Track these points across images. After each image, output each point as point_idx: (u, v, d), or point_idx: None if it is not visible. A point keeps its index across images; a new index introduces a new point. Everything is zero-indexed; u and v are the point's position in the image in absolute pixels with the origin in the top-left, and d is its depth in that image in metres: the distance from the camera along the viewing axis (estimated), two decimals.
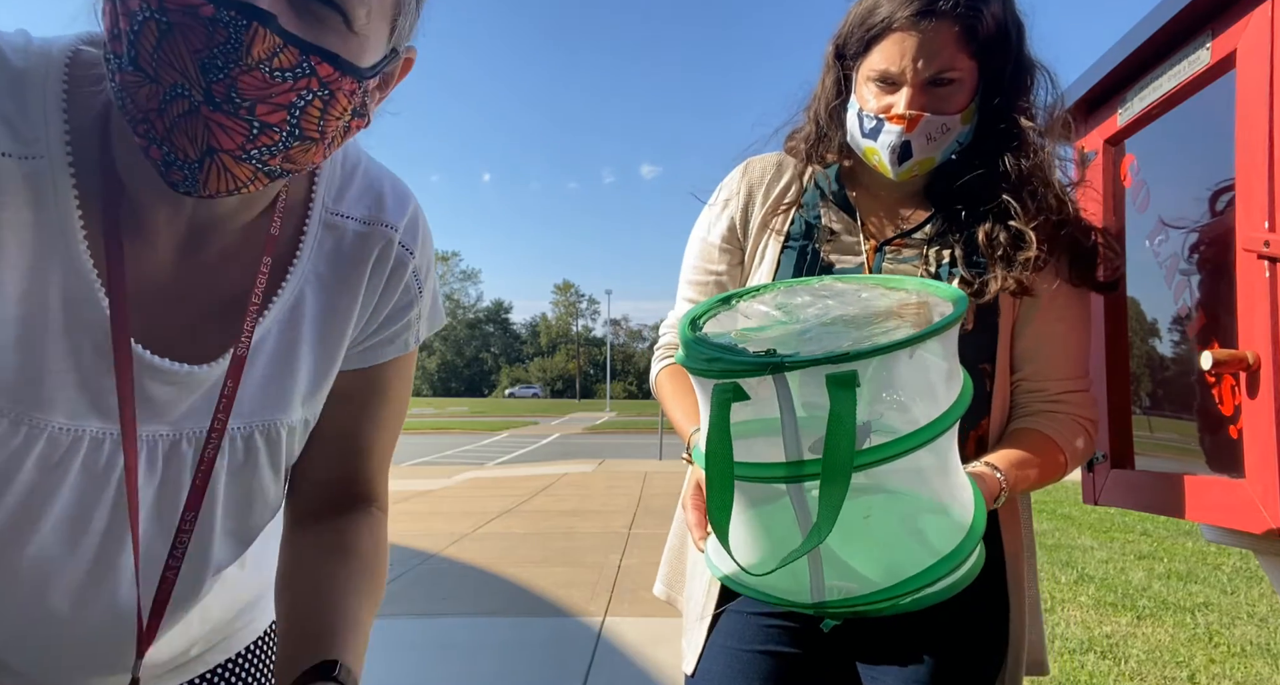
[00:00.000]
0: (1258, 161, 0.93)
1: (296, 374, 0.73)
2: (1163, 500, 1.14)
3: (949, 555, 0.79)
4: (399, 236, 0.75)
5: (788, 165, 1.21)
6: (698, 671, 1.11)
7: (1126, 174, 1.27)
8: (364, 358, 0.79)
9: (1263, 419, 0.92)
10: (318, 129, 0.59)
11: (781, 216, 1.16)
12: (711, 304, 0.92)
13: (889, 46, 1.03)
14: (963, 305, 0.78)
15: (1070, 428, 1.07)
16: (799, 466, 0.74)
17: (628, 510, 7.45)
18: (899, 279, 0.92)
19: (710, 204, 1.24)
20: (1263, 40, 0.93)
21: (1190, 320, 1.13)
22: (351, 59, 0.58)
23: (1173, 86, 1.11)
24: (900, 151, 1.05)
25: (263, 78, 0.54)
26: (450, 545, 5.73)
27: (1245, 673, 3.38)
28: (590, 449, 17.93)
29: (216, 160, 0.55)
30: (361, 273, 0.74)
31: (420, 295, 0.79)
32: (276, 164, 0.58)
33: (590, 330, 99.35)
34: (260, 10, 0.52)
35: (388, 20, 0.61)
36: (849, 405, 0.70)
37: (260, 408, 0.71)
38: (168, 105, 0.53)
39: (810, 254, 1.13)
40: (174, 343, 0.66)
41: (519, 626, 3.82)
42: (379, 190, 0.76)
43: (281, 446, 0.74)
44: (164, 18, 0.51)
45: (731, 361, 0.74)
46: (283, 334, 0.71)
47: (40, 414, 0.62)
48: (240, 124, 0.54)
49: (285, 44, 0.54)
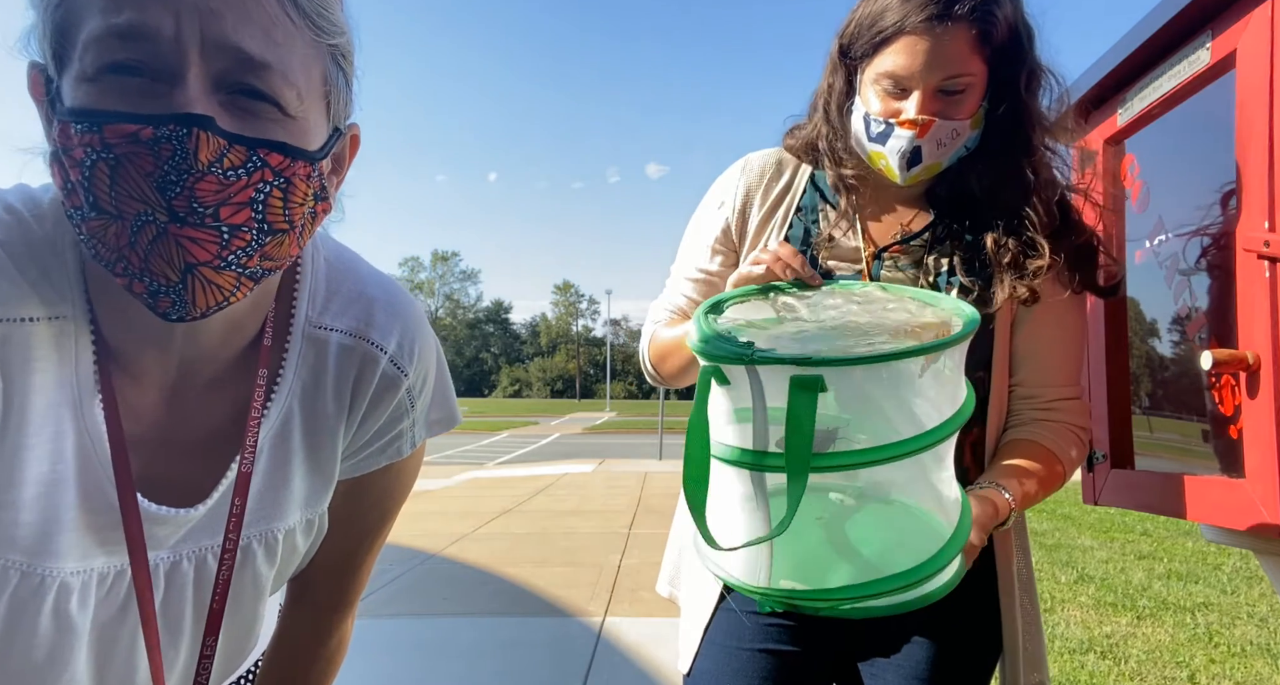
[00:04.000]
0: (1258, 161, 0.93)
1: (291, 485, 0.73)
2: (1163, 500, 1.14)
3: (897, 575, 0.80)
4: (387, 356, 0.74)
5: (787, 164, 1.18)
6: (694, 670, 1.11)
7: (1126, 174, 1.27)
8: (357, 467, 0.79)
9: (1263, 419, 0.92)
10: (285, 219, 0.59)
11: (780, 219, 1.14)
12: (750, 291, 0.95)
13: (900, 50, 0.99)
14: (967, 329, 0.79)
15: (1065, 437, 1.07)
16: (761, 457, 0.78)
17: (628, 510, 7.45)
18: (936, 296, 0.91)
19: (706, 202, 1.22)
20: (1263, 40, 0.93)
21: (1190, 320, 1.13)
22: (297, 143, 0.58)
23: (1173, 86, 1.11)
24: (910, 157, 1.02)
25: (218, 180, 0.54)
26: (450, 545, 5.73)
27: (1245, 673, 3.38)
28: (590, 449, 17.92)
29: (197, 275, 0.55)
30: (345, 387, 0.73)
31: (412, 408, 0.78)
32: (255, 264, 0.58)
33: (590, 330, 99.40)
34: (196, 116, 0.53)
35: (321, 100, 0.62)
36: (807, 408, 0.73)
37: (256, 519, 0.72)
38: (137, 236, 0.54)
39: (809, 260, 1.10)
40: (166, 485, 0.67)
41: (519, 626, 3.82)
42: (367, 304, 0.74)
43: (279, 549, 0.75)
44: (110, 154, 0.52)
45: (713, 347, 0.80)
46: (275, 448, 0.72)
47: (52, 563, 0.63)
48: (209, 233, 0.55)
49: (230, 144, 0.54)
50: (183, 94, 0.53)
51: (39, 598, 0.63)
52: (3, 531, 0.60)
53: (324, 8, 0.60)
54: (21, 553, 0.61)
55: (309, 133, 0.60)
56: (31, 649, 0.64)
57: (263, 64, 0.56)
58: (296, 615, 0.87)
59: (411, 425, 0.79)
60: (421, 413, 0.79)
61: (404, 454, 0.80)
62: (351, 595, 0.88)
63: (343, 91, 0.64)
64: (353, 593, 0.88)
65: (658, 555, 1.29)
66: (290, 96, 0.58)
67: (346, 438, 0.75)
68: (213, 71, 0.55)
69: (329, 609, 0.87)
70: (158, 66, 0.54)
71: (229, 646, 0.77)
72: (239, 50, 0.55)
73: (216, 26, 0.54)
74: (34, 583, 0.62)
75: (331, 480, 0.77)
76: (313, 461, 0.74)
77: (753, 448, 0.79)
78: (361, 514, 0.82)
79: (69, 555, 0.63)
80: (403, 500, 0.86)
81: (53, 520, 0.62)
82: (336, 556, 0.83)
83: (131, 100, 0.53)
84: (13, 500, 0.60)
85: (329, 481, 0.76)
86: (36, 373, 0.60)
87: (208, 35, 0.54)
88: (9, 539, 0.61)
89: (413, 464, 0.83)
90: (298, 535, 0.76)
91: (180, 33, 0.53)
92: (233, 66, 0.55)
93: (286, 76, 0.57)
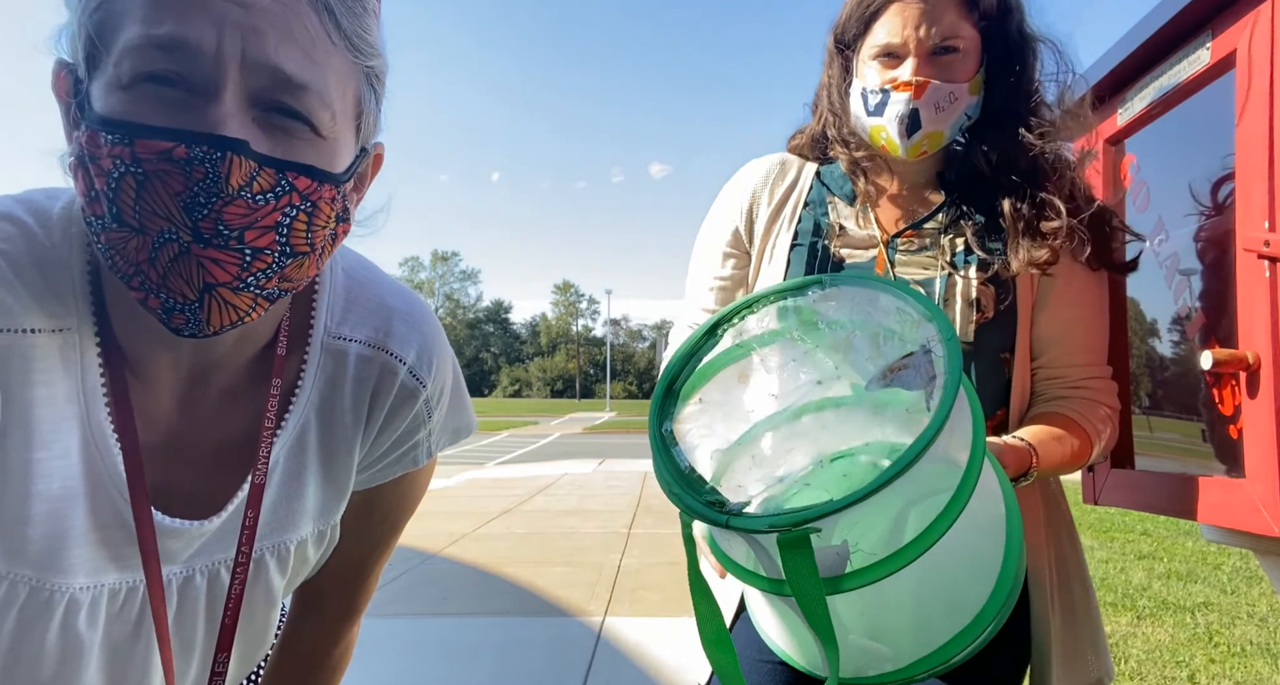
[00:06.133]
0: (1258, 161, 0.93)
1: (305, 496, 0.73)
2: (1163, 500, 1.13)
3: (961, 633, 0.73)
4: (406, 367, 0.73)
5: (791, 164, 1.19)
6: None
7: (1126, 174, 1.27)
8: (372, 479, 0.78)
9: (1263, 419, 0.92)
10: (307, 242, 0.58)
11: (789, 215, 1.14)
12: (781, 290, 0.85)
13: (890, 19, 1.02)
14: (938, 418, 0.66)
15: (1095, 411, 1.04)
16: (780, 585, 0.70)
17: (628, 510, 7.44)
18: (930, 312, 0.77)
19: (713, 212, 1.22)
20: (1263, 40, 0.93)
21: (1190, 320, 1.12)
22: (325, 165, 0.58)
23: (1173, 86, 1.11)
24: (909, 121, 1.02)
25: (246, 205, 0.53)
26: (450, 545, 5.73)
27: (1245, 673, 3.38)
28: (590, 449, 17.91)
29: (215, 295, 0.55)
30: (363, 397, 0.72)
31: (429, 419, 0.77)
32: (274, 286, 0.58)
33: (590, 330, 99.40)
34: (231, 140, 0.52)
35: (352, 119, 0.61)
36: (805, 569, 0.63)
37: (269, 532, 0.72)
38: (158, 252, 0.53)
39: (821, 251, 1.10)
40: (181, 497, 0.66)
41: (519, 626, 3.82)
42: (386, 314, 0.74)
43: (290, 560, 0.75)
44: (139, 169, 0.51)
45: (683, 502, 0.70)
46: (290, 459, 0.71)
47: (61, 579, 0.62)
48: (232, 255, 0.54)
49: (261, 166, 0.54)
50: (218, 111, 0.53)
51: (47, 614, 0.62)
52: (13, 546, 0.60)
53: (364, 29, 0.60)
54: (31, 568, 0.61)
55: (338, 154, 0.60)
56: (39, 666, 0.63)
57: (301, 85, 0.55)
58: (303, 624, 0.86)
59: (428, 436, 0.78)
60: (438, 423, 0.79)
61: (419, 464, 0.80)
62: (359, 605, 0.87)
63: (373, 112, 0.64)
64: (360, 602, 0.87)
65: (658, 555, 1.29)
66: (325, 118, 0.57)
67: (363, 449, 0.75)
68: (250, 88, 0.54)
69: (337, 618, 0.87)
70: (194, 80, 0.53)
71: (242, 657, 0.77)
72: (278, 70, 0.54)
73: (258, 45, 0.53)
74: (42, 598, 0.61)
75: (346, 491, 0.76)
76: (328, 473, 0.73)
77: (766, 576, 0.71)
78: (374, 524, 0.82)
79: (79, 570, 0.62)
80: (413, 510, 0.85)
81: (63, 535, 0.61)
82: (346, 566, 0.83)
83: (165, 113, 0.52)
84: (23, 516, 0.59)
85: (343, 493, 0.76)
86: (40, 385, 0.59)
87: (249, 53, 0.53)
88: (19, 554, 0.60)
89: (425, 474, 0.83)
90: (309, 546, 0.76)
91: (221, 48, 0.53)
92: (270, 85, 0.55)
93: (322, 97, 0.57)
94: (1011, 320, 1.05)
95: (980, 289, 1.05)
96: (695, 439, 0.80)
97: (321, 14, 0.56)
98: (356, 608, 0.87)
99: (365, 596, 0.87)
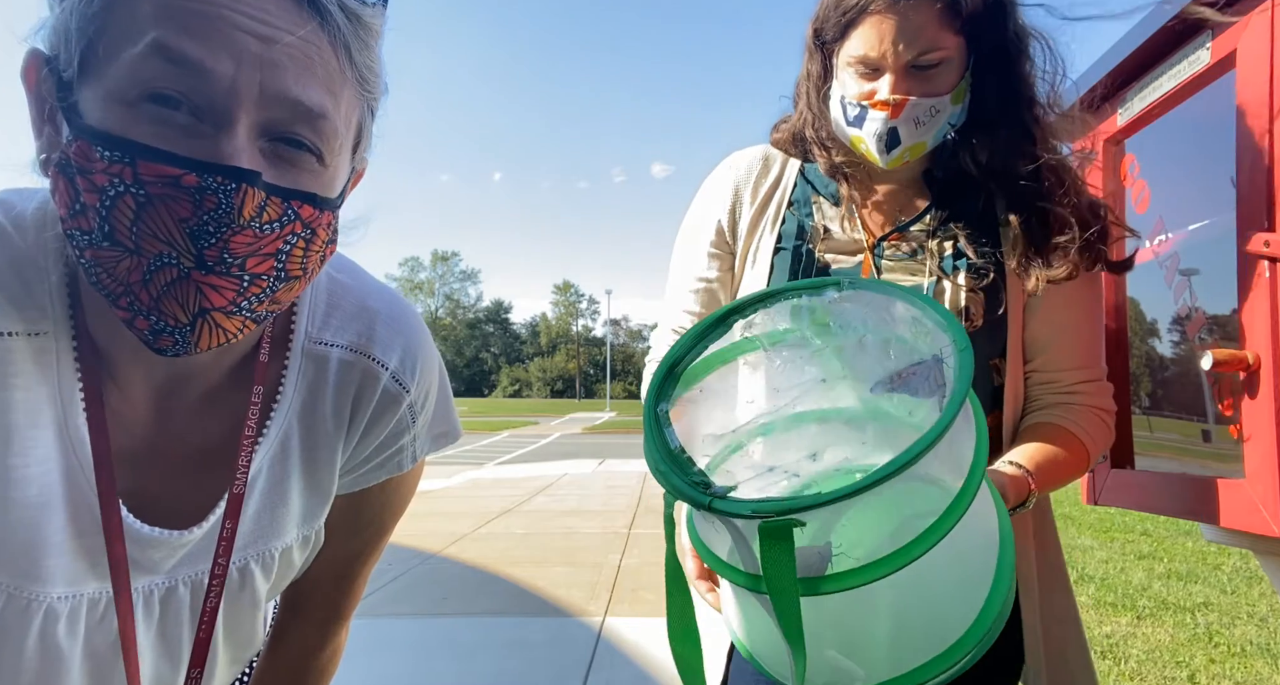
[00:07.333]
0: (1258, 161, 0.93)
1: (289, 503, 0.72)
2: (1163, 500, 1.14)
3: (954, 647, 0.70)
4: (388, 372, 0.72)
5: (774, 159, 1.14)
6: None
7: (1126, 174, 1.27)
8: (356, 483, 0.78)
9: (1263, 419, 0.92)
10: (301, 267, 0.58)
11: (772, 215, 1.10)
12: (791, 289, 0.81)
13: (867, 30, 0.96)
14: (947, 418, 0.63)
15: (1089, 419, 1.01)
16: (756, 581, 0.67)
17: (628, 510, 7.44)
18: (946, 322, 0.73)
19: (695, 209, 1.18)
20: (1263, 40, 0.93)
21: (1190, 320, 1.13)
22: (324, 192, 0.58)
23: (1173, 86, 1.11)
24: (887, 139, 0.98)
25: (254, 234, 0.53)
26: (450, 545, 5.73)
27: (1245, 673, 3.38)
28: (590, 449, 17.90)
29: (208, 319, 0.54)
30: (344, 404, 0.72)
31: (413, 424, 0.76)
32: (264, 309, 0.58)
33: (590, 330, 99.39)
34: (245, 171, 0.51)
35: (350, 146, 0.62)
36: (783, 562, 0.61)
37: (254, 540, 0.71)
38: (153, 275, 0.52)
39: (805, 255, 1.06)
40: (164, 507, 0.66)
41: (519, 626, 3.82)
42: (369, 318, 0.73)
43: (275, 566, 0.74)
44: (141, 190, 0.50)
45: (669, 480, 0.68)
46: (274, 466, 0.70)
47: (39, 587, 0.61)
48: (232, 281, 0.54)
49: (269, 197, 0.53)
50: (230, 142, 0.52)
51: (24, 622, 0.61)
52: None
53: (373, 62, 0.60)
54: (8, 575, 0.60)
55: (336, 180, 0.60)
56: (18, 675, 0.62)
57: (320, 115, 0.55)
58: (291, 627, 0.86)
59: (412, 441, 0.77)
60: (423, 428, 0.78)
61: (404, 469, 0.79)
62: (346, 608, 0.87)
63: (369, 137, 0.65)
64: (347, 605, 0.87)
65: (658, 555, 1.29)
66: (334, 147, 0.58)
67: (345, 454, 0.74)
68: (262, 120, 0.54)
69: (324, 621, 0.86)
70: (204, 106, 0.52)
71: (232, 659, 0.77)
72: (298, 103, 0.54)
73: (277, 77, 0.53)
74: (19, 606, 0.61)
75: (329, 496, 0.76)
76: (310, 479, 0.73)
77: (744, 570, 0.69)
78: (359, 528, 0.81)
79: (57, 579, 0.61)
80: (400, 514, 0.85)
81: (40, 543, 0.60)
82: (332, 570, 0.83)
83: (170, 137, 0.51)
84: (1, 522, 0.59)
85: (326, 498, 0.75)
86: (16, 389, 0.58)
87: (266, 85, 0.53)
88: None
89: (411, 479, 0.82)
90: (295, 551, 0.75)
91: (238, 78, 0.52)
92: (286, 117, 0.54)
93: (336, 129, 0.57)
94: (1001, 327, 1.02)
95: (969, 296, 1.02)
96: (690, 425, 0.79)
97: (339, 49, 0.57)
98: (344, 610, 0.87)
99: (353, 599, 0.87)
